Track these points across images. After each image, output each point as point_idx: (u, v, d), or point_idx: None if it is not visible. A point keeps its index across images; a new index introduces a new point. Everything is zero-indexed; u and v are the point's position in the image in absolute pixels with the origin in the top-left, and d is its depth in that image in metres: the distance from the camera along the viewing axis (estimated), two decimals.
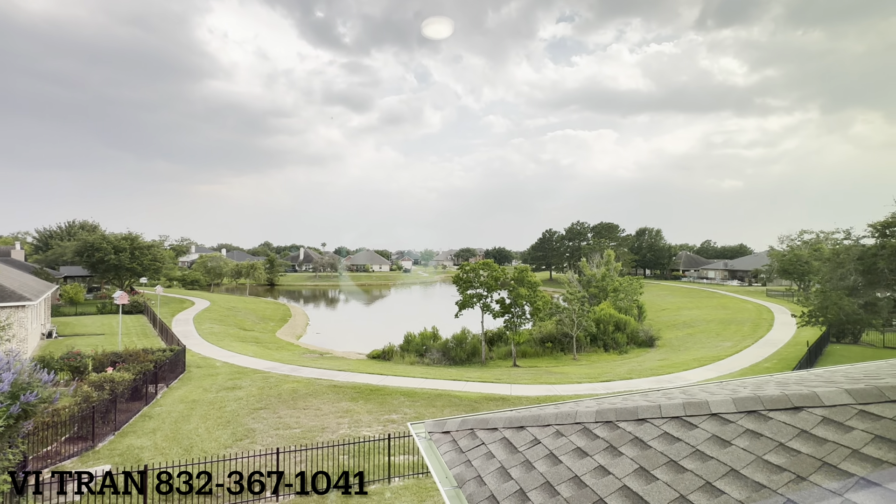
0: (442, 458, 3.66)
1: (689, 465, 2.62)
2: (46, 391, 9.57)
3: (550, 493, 2.80)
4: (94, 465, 11.97)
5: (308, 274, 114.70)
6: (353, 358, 30.62)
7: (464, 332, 33.86)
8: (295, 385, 19.71)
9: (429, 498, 10.60)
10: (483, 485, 3.11)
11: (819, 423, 2.59)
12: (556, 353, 33.87)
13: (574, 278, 47.21)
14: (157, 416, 15.70)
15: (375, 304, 76.74)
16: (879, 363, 5.19)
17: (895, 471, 2.14)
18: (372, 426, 15.18)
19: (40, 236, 75.20)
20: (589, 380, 22.42)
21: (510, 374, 24.63)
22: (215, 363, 24.06)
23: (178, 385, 19.54)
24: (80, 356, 18.89)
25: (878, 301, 28.96)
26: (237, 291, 75.69)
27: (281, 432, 14.46)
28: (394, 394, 18.87)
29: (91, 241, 48.45)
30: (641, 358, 31.34)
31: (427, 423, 4.23)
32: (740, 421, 2.84)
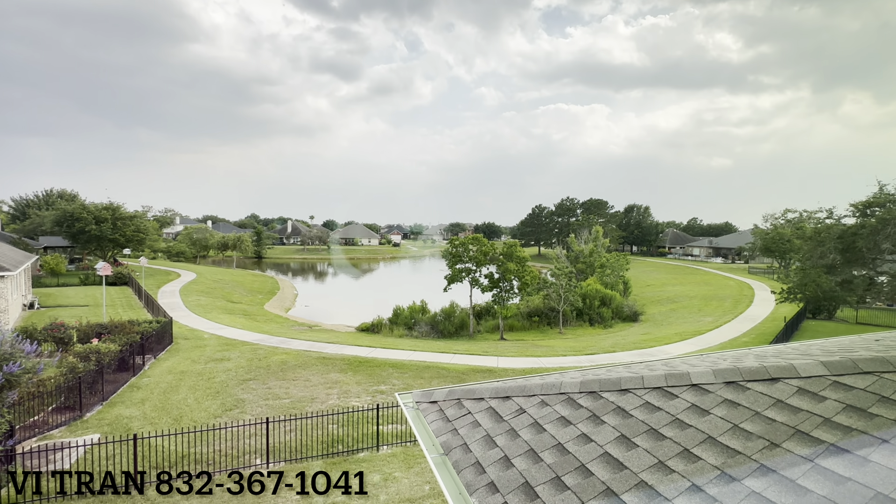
0: (429, 426, 3.72)
1: (669, 433, 2.70)
2: (30, 362, 9.48)
3: (534, 459, 2.88)
4: (83, 434, 12.02)
5: (296, 247, 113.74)
6: (342, 331, 30.82)
7: (452, 306, 34.19)
8: (284, 357, 19.83)
9: (416, 465, 10.92)
10: (469, 452, 3.18)
11: (794, 393, 2.68)
12: (543, 326, 34.50)
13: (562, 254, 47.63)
14: (146, 386, 15.72)
15: (364, 278, 76.79)
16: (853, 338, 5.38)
17: (864, 438, 2.23)
18: (361, 397, 15.43)
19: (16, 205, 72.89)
20: (574, 353, 22.95)
21: (497, 347, 25.09)
22: (203, 335, 24.01)
23: (166, 356, 19.51)
24: (64, 327, 18.66)
25: (854, 279, 29.89)
26: (224, 264, 74.90)
27: (270, 402, 14.63)
28: (382, 366, 19.13)
29: (71, 210, 47.10)
30: (625, 332, 32.12)
31: (415, 393, 4.29)
32: (719, 391, 2.93)
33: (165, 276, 47.88)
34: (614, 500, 2.35)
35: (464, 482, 2.90)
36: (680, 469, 2.41)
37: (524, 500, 2.56)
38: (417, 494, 9.60)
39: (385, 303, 36.67)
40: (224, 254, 79.69)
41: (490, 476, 2.85)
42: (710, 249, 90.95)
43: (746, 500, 2.10)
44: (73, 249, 54.70)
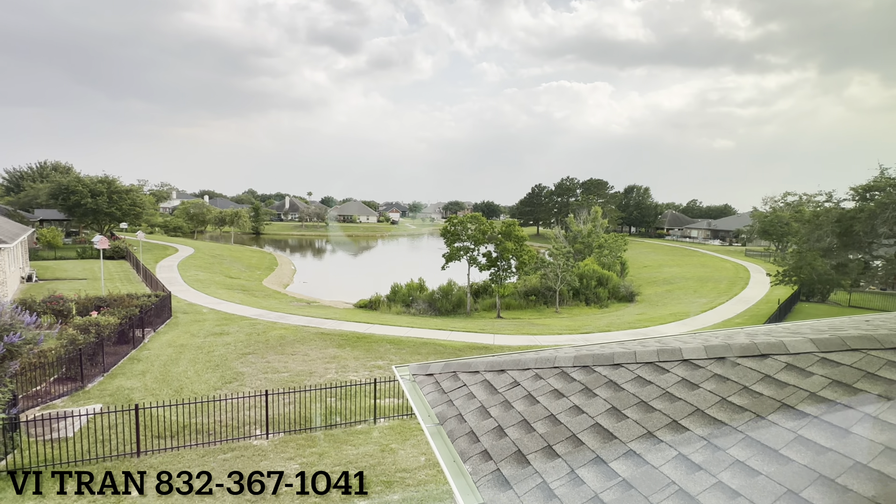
0: (425, 398, 3.80)
1: (658, 406, 2.77)
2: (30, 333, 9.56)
3: (527, 429, 2.96)
4: (85, 404, 12.24)
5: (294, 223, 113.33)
6: (340, 307, 31.05)
7: (450, 284, 34.37)
8: (282, 332, 20.03)
9: (412, 437, 11.21)
10: (463, 422, 3.26)
11: (782, 368, 2.74)
12: (540, 306, 34.82)
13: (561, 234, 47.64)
14: (146, 359, 15.92)
15: (362, 255, 76.87)
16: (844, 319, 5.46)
17: (847, 411, 2.29)
18: (358, 371, 15.68)
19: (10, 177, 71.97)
20: (569, 331, 23.24)
21: (494, 325, 25.38)
22: (202, 309, 24.17)
23: (165, 330, 19.69)
24: (63, 300, 18.74)
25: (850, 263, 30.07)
26: (221, 239, 74.72)
27: (269, 376, 14.86)
28: (380, 341, 19.37)
29: (66, 183, 46.61)
30: (621, 312, 32.46)
31: (411, 367, 4.36)
32: (709, 366, 2.99)
33: (163, 251, 47.82)
34: (603, 468, 2.43)
35: (458, 450, 2.99)
36: (667, 439, 2.49)
37: (516, 467, 2.64)
38: (413, 465, 9.88)
39: (383, 280, 36.83)
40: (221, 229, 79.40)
41: (483, 445, 2.94)
42: (708, 231, 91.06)
43: (730, 468, 2.17)
44: (70, 223, 54.38)
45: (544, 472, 2.53)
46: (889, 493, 1.81)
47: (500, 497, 2.44)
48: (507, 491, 2.47)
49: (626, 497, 2.20)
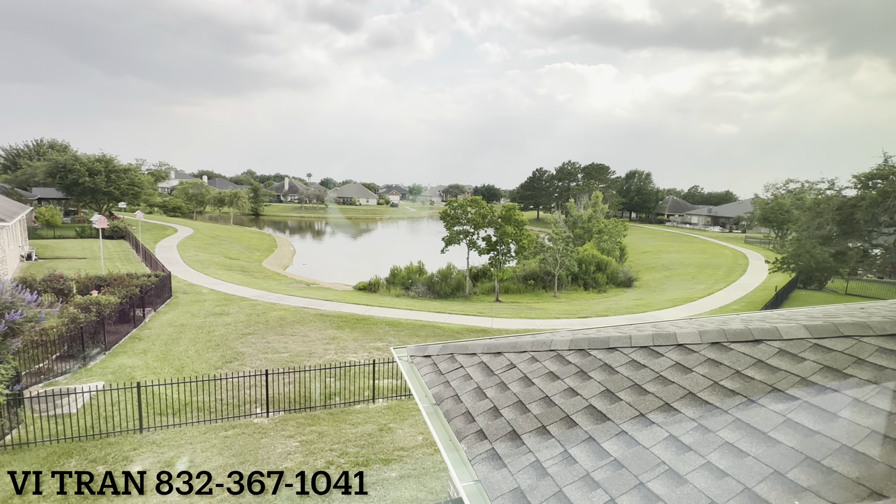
0: (422, 378, 3.86)
1: (652, 389, 2.82)
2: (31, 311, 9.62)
3: (521, 410, 3.01)
4: (88, 381, 12.40)
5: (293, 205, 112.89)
6: (340, 289, 31.19)
7: (449, 268, 34.46)
8: (282, 313, 20.16)
9: (410, 417, 11.40)
10: (460, 402, 3.32)
11: (775, 354, 2.78)
12: (538, 290, 34.99)
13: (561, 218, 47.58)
14: (147, 338, 16.06)
15: (362, 238, 76.83)
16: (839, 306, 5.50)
17: (836, 396, 2.33)
18: (358, 353, 15.85)
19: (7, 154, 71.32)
20: (567, 316, 23.41)
21: (492, 309, 25.54)
22: (202, 290, 24.27)
23: (166, 310, 19.81)
24: (64, 279, 18.80)
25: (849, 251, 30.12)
26: (221, 220, 74.53)
27: (269, 356, 15.02)
28: (379, 323, 19.52)
29: (63, 161, 46.21)
30: (619, 297, 32.64)
31: (409, 348, 4.41)
32: (703, 351, 3.03)
33: (162, 231, 47.74)
34: (595, 448, 2.48)
35: (454, 430, 3.05)
36: (659, 421, 2.53)
37: (510, 446, 2.70)
38: (411, 444, 10.08)
39: (382, 263, 36.90)
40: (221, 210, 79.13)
41: (479, 425, 2.99)
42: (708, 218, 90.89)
43: (719, 449, 2.22)
44: (68, 202, 54.13)
45: (537, 451, 2.58)
46: (873, 475, 1.86)
47: (495, 475, 2.50)
48: (502, 469, 2.53)
49: (617, 476, 2.25)
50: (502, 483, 2.43)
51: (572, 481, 2.31)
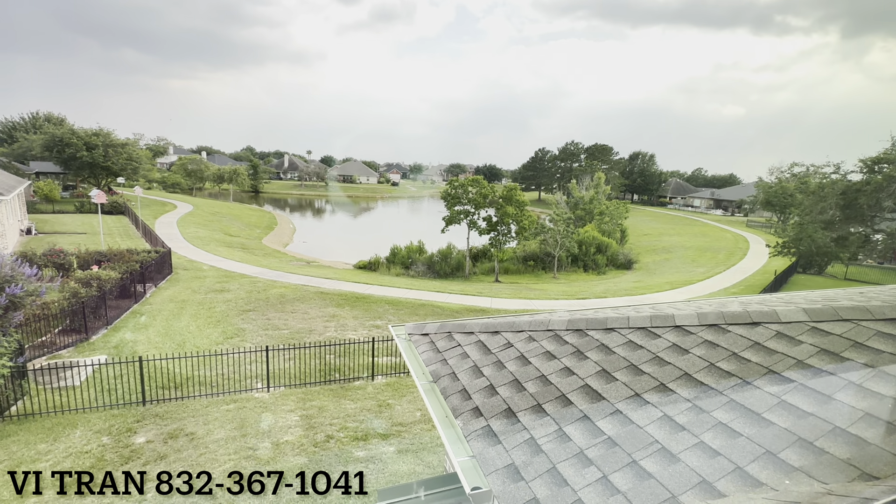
0: (420, 356, 3.88)
1: (648, 369, 2.83)
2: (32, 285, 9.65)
3: (517, 388, 3.03)
4: (90, 355, 12.55)
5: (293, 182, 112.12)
6: (340, 267, 31.27)
7: (449, 248, 34.46)
8: (282, 290, 20.26)
9: (408, 394, 11.58)
10: (456, 380, 3.34)
11: (772, 336, 2.77)
12: (538, 271, 35.07)
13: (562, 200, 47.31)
14: (148, 313, 16.18)
15: (362, 217, 76.60)
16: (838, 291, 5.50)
17: (832, 379, 2.34)
18: (357, 330, 15.99)
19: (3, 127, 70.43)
20: (566, 297, 23.53)
21: (492, 289, 25.65)
22: (202, 266, 24.33)
23: (166, 286, 19.90)
24: (64, 253, 18.81)
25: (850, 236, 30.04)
26: (220, 197, 74.13)
27: (270, 332, 15.16)
28: (379, 302, 19.63)
29: (60, 135, 45.65)
30: (618, 279, 32.74)
31: (408, 326, 4.43)
32: (701, 333, 3.02)
33: (161, 207, 47.56)
34: (590, 426, 2.51)
35: (450, 407, 3.07)
36: (654, 401, 2.55)
37: (506, 424, 2.73)
38: (408, 420, 10.27)
39: (382, 242, 36.88)
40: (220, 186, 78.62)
41: (475, 402, 3.02)
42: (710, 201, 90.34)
43: (712, 429, 2.24)
44: (66, 176, 53.75)
45: (532, 428, 2.61)
46: (864, 456, 1.88)
47: (489, 451, 2.53)
48: (496, 445, 2.56)
49: (610, 454, 2.28)
50: (497, 459, 2.46)
51: (566, 458, 2.34)
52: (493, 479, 2.35)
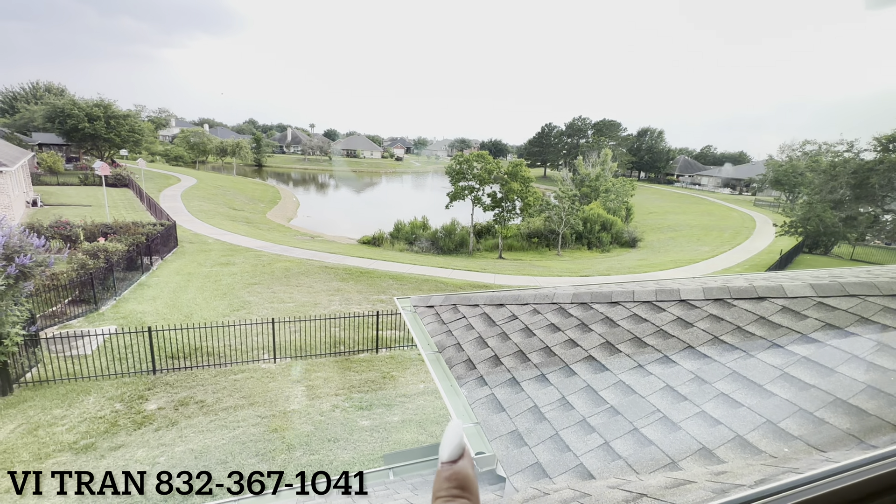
0: (425, 328, 3.93)
1: (651, 342, 2.86)
2: (40, 255, 9.76)
3: (522, 359, 3.08)
4: (100, 325, 12.81)
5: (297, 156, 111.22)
6: (344, 242, 31.36)
7: (453, 224, 34.41)
8: (287, 264, 20.41)
9: (412, 366, 11.80)
10: (461, 351, 3.39)
11: (778, 311, 2.78)
12: (542, 248, 35.05)
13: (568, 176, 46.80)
14: (155, 285, 16.39)
15: (366, 192, 76.24)
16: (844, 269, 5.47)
17: (836, 353, 2.35)
18: (362, 304, 16.17)
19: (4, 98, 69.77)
20: (569, 274, 23.59)
21: (495, 265, 25.72)
22: (207, 240, 24.47)
23: (173, 259, 20.08)
24: (70, 225, 18.95)
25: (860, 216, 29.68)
26: (224, 171, 73.80)
27: (275, 305, 15.36)
28: (383, 277, 19.77)
29: (61, 106, 45.23)
30: (622, 257, 32.70)
31: (413, 298, 4.46)
32: (706, 307, 3.03)
33: (165, 180, 47.49)
34: (593, 395, 2.55)
35: (455, 376, 3.13)
36: (657, 372, 2.58)
37: (510, 392, 2.78)
38: (412, 391, 10.50)
39: (387, 217, 36.83)
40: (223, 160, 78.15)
41: (480, 371, 3.07)
42: (718, 179, 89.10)
43: (714, 399, 2.27)
44: (69, 148, 53.53)
45: (536, 397, 2.66)
46: (863, 427, 1.91)
47: (493, 417, 2.59)
48: (500, 413, 2.62)
49: (613, 422, 2.33)
50: (501, 426, 2.52)
51: (569, 425, 2.39)
52: (497, 444, 2.41)
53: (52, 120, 45.47)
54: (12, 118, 59.93)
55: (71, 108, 44.71)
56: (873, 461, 1.33)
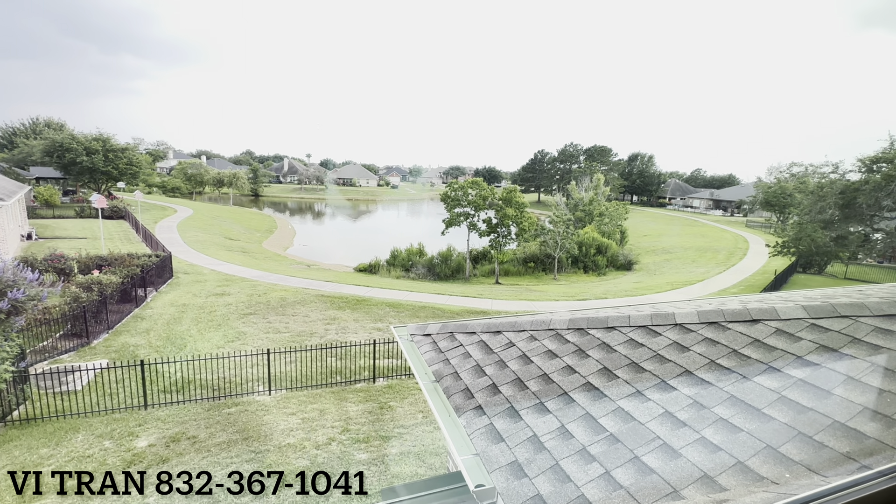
0: (422, 356, 3.90)
1: (649, 367, 2.86)
2: (33, 289, 9.68)
3: (520, 387, 3.06)
4: (92, 359, 12.57)
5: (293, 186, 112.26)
6: (340, 270, 31.30)
7: (449, 250, 34.51)
8: (283, 293, 20.28)
9: (410, 396, 11.59)
10: (459, 380, 3.37)
11: (772, 333, 2.80)
12: (538, 272, 35.10)
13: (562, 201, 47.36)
14: (149, 317, 16.20)
15: (362, 220, 76.67)
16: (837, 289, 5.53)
17: (831, 374, 2.37)
18: (358, 333, 16.00)
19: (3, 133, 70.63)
20: (566, 298, 23.55)
21: (492, 291, 25.67)
22: (203, 270, 24.36)
23: (167, 290, 19.92)
24: (65, 258, 18.85)
25: (850, 235, 30.08)
26: (220, 201, 74.24)
27: (271, 336, 15.18)
28: (379, 304, 19.65)
29: (60, 140, 45.79)
30: (618, 280, 32.76)
31: (409, 327, 4.45)
32: (701, 330, 3.05)
33: (162, 212, 47.64)
34: (592, 423, 2.53)
35: (453, 405, 3.10)
36: (655, 398, 2.58)
37: (509, 421, 2.75)
38: (410, 422, 10.27)
39: (383, 245, 36.94)
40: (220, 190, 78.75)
41: (478, 401, 3.04)
42: (710, 202, 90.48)
43: (713, 425, 2.27)
44: (66, 181, 53.86)
45: (535, 426, 2.63)
46: (862, 449, 1.90)
47: (493, 448, 2.56)
48: (500, 443, 2.58)
49: (613, 450, 2.30)
50: (500, 456, 2.48)
51: (569, 455, 2.36)
52: (497, 476, 2.37)
53: (51, 154, 45.93)
54: (11, 153, 60.49)
55: (69, 143, 45.27)
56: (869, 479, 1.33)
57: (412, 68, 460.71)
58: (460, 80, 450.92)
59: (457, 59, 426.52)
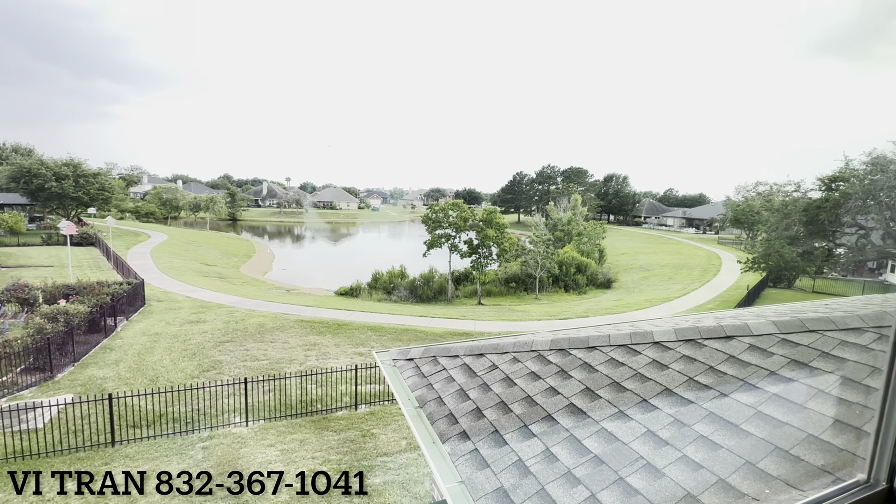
0: (405, 382, 3.85)
1: (630, 386, 2.89)
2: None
3: (504, 410, 3.04)
4: (55, 395, 11.90)
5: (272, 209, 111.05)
6: (321, 294, 30.80)
7: (431, 272, 34.45)
8: (261, 319, 19.78)
9: (393, 422, 11.32)
10: (443, 405, 3.33)
11: (746, 349, 2.88)
12: (520, 292, 35.28)
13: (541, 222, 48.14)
14: (119, 348, 15.52)
15: (343, 242, 76.10)
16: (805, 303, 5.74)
17: (803, 388, 2.44)
18: (339, 358, 15.67)
19: None
20: (548, 317, 23.68)
21: (475, 312, 25.62)
22: (177, 297, 23.62)
23: (139, 318, 19.19)
24: (29, 288, 18.03)
25: (815, 250, 31.41)
26: (197, 226, 72.72)
27: (248, 364, 14.71)
28: (361, 328, 19.34)
29: (28, 166, 44.39)
30: (598, 298, 33.20)
31: (392, 352, 4.40)
32: (679, 348, 3.12)
33: (135, 238, 46.30)
34: (576, 445, 2.53)
35: (437, 432, 3.05)
36: (637, 417, 2.60)
37: (493, 446, 2.72)
38: (394, 449, 10.01)
39: (364, 267, 36.63)
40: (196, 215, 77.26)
41: (462, 426, 3.01)
42: (683, 220, 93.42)
43: (694, 442, 2.29)
44: (33, 208, 51.99)
45: (520, 450, 2.61)
46: (836, 462, 1.95)
47: (478, 475, 2.52)
48: (485, 469, 2.55)
49: (598, 472, 2.30)
50: (486, 483, 2.45)
51: (554, 479, 2.35)
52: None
53: (17, 180, 44.41)
54: None
55: (38, 168, 43.92)
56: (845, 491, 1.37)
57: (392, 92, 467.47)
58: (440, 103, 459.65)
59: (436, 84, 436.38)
